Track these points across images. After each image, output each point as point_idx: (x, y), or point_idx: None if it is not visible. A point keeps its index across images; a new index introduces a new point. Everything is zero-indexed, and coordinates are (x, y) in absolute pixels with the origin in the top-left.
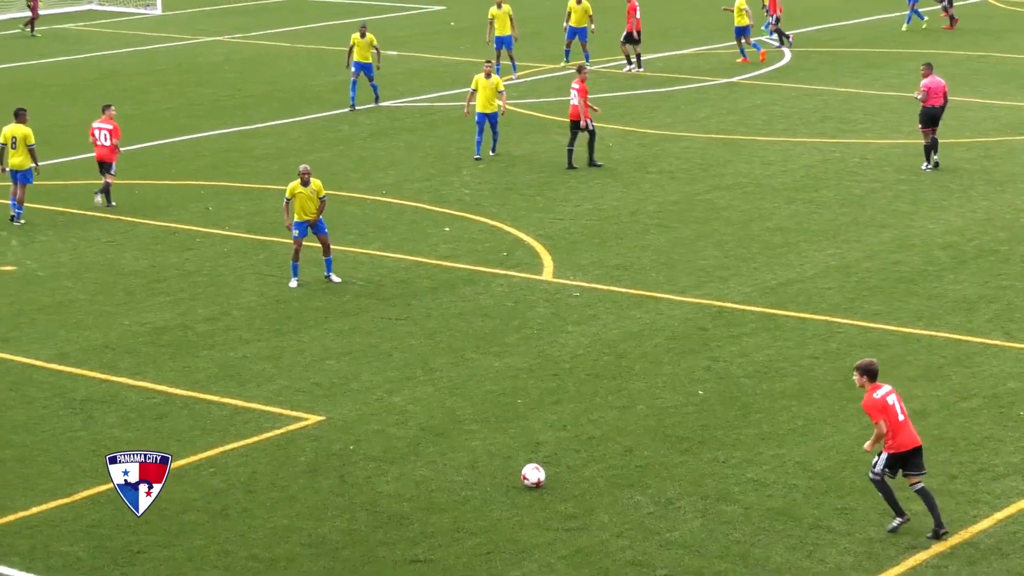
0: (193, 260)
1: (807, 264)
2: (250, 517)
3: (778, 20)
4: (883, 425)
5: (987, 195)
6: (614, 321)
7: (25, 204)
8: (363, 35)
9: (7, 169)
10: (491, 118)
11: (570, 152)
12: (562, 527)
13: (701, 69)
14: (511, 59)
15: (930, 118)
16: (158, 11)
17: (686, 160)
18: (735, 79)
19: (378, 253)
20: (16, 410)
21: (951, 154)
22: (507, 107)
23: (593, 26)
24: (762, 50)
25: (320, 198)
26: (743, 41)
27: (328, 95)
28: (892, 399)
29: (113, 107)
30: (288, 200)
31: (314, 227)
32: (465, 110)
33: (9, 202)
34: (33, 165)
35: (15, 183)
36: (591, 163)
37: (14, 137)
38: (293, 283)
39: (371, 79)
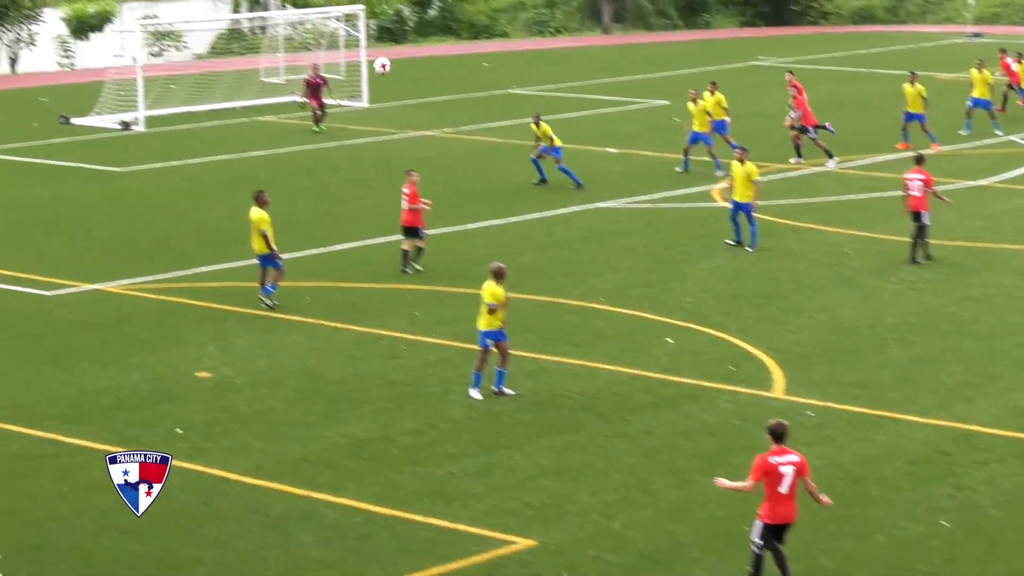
0: (398, 369)
1: None
2: None
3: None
4: (749, 485)
5: None
6: (849, 443)
7: (225, 307)
8: (538, 124)
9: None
10: (743, 208)
11: (913, 246)
12: None
13: (944, 170)
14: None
15: None
16: (364, 103)
17: (929, 269)
18: (983, 182)
19: (595, 365)
20: (208, 525)
21: None
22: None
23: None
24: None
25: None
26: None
27: (541, 195)
28: (787, 469)
29: (416, 172)
30: (493, 307)
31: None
32: (723, 197)
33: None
34: (272, 251)
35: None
36: (914, 259)
37: (251, 222)
38: (476, 394)
39: (558, 161)
